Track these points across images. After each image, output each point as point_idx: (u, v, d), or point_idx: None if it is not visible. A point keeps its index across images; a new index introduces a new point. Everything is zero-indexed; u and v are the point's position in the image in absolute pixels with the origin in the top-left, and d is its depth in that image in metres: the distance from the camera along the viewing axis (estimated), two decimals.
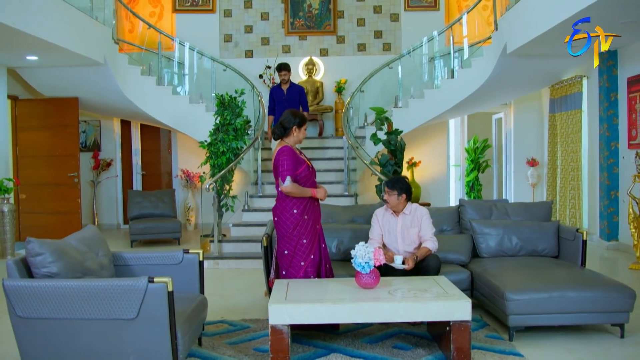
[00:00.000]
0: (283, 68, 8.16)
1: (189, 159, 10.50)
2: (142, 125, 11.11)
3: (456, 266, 4.97)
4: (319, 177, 8.19)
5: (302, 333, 4.27)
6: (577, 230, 4.90)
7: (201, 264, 4.09)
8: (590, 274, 4.46)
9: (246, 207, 7.95)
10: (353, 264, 3.89)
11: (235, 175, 8.12)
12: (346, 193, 8.12)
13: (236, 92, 7.47)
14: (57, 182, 9.10)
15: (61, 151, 9.12)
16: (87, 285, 3.13)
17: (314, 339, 4.16)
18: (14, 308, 3.15)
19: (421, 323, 4.38)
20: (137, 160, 11.12)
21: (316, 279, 4.28)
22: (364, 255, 3.85)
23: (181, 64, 9.93)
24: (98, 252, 3.77)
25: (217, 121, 7.42)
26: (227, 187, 7.43)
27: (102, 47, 7.93)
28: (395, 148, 7.22)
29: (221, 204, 7.39)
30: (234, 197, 7.51)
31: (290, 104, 7.93)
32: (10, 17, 5.87)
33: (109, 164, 10.73)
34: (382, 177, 7.02)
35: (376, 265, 3.89)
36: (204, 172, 8.32)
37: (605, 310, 4.09)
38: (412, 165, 10.38)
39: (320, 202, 4.50)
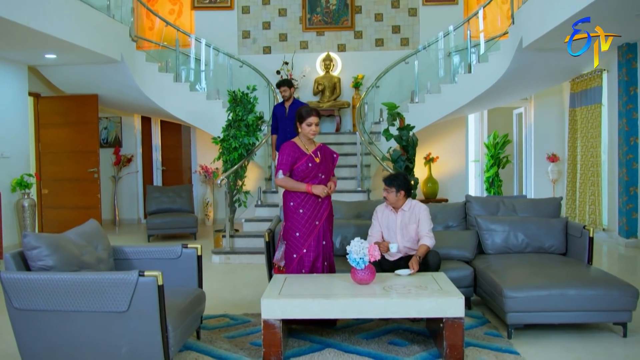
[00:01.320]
0: (282, 84, 7.62)
1: (207, 155, 10.60)
2: (162, 122, 11.27)
3: (460, 262, 4.92)
4: (336, 173, 8.25)
5: (300, 328, 4.30)
6: (584, 227, 4.81)
7: (199, 258, 4.14)
8: (595, 271, 4.38)
9: (259, 203, 8.01)
10: (348, 260, 3.90)
11: (250, 171, 8.18)
12: (359, 189, 8.11)
13: (248, 88, 7.51)
14: (77, 178, 9.31)
15: (82, 147, 9.32)
16: (79, 278, 3.20)
17: (311, 334, 4.18)
18: (10, 300, 3.24)
19: (421, 319, 4.35)
20: (157, 156, 11.29)
21: (314, 274, 4.29)
22: (359, 251, 3.85)
23: (198, 60, 10.03)
24: (97, 246, 3.85)
25: (230, 117, 7.48)
26: (240, 182, 7.49)
27: (119, 44, 8.07)
28: (407, 144, 7.17)
29: (234, 199, 7.45)
30: (246, 192, 7.57)
31: (292, 122, 6.90)
32: (25, 17, 6.01)
33: (129, 160, 10.92)
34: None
35: (371, 261, 3.89)
36: (216, 168, 8.39)
37: (607, 309, 4.01)
38: (430, 161, 10.31)
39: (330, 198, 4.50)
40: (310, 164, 4.33)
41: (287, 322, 3.99)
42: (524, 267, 4.52)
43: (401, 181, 4.71)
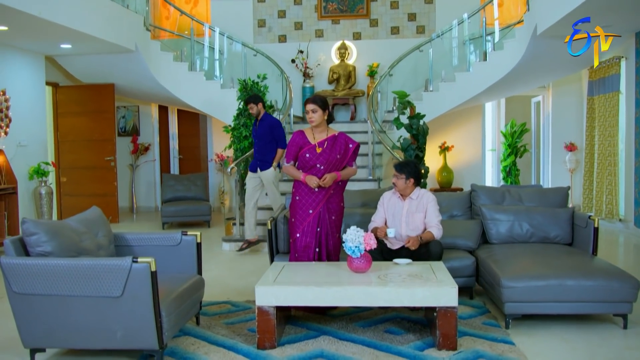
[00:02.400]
0: (247, 101, 6.84)
1: (223, 143, 10.63)
2: (179, 111, 11.39)
3: (463, 252, 4.90)
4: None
5: (300, 315, 4.34)
6: (589, 217, 4.74)
7: (199, 245, 4.20)
8: (597, 262, 4.32)
9: None
10: (344, 248, 3.92)
11: None
12: (370, 177, 8.11)
13: (258, 77, 7.53)
14: (95, 166, 9.49)
15: (99, 136, 9.48)
16: (75, 263, 3.28)
17: (309, 321, 4.21)
18: (10, 284, 3.34)
19: (420, 308, 4.35)
20: (174, 144, 11.42)
21: (314, 262, 4.33)
22: (354, 239, 3.87)
23: (212, 49, 10.06)
24: (98, 232, 3.93)
25: (240, 106, 7.52)
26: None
27: (133, 34, 8.16)
28: (417, 132, 7.13)
29: (244, 187, 7.50)
30: None
31: (262, 140, 6.69)
32: (36, 7, 6.11)
33: (147, 148, 11.06)
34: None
35: (367, 249, 3.90)
36: (227, 156, 8.46)
37: (606, 300, 3.96)
38: (445, 149, 10.24)
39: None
40: (308, 155, 4.38)
41: (285, 309, 4.04)
42: (526, 257, 4.48)
43: (412, 169, 4.70)
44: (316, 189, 4.37)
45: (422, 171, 7.17)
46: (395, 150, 7.34)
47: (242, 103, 7.51)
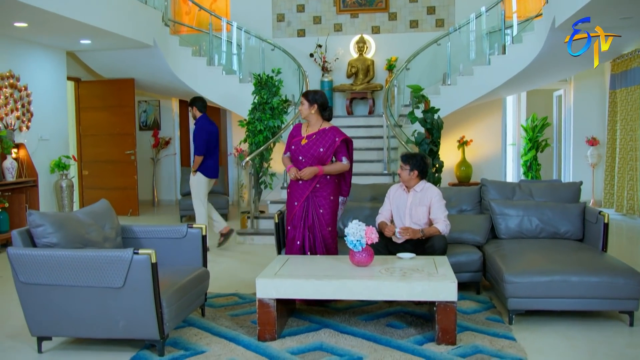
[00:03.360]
0: (189, 103, 6.87)
1: (242, 138, 10.75)
2: None
3: (469, 247, 4.87)
4: (363, 156, 8.28)
5: (305, 308, 4.38)
6: (599, 212, 4.67)
7: (204, 238, 4.26)
8: (604, 258, 4.27)
9: (285, 185, 8.09)
10: (346, 242, 3.94)
11: (276, 153, 8.23)
12: (385, 171, 8.09)
13: (273, 71, 7.57)
14: (116, 159, 9.65)
15: (119, 130, 9.64)
16: (78, 255, 3.37)
17: (313, 314, 4.25)
18: (16, 274, 3.45)
19: (425, 303, 4.35)
20: None
21: (317, 256, 4.37)
22: (356, 233, 3.88)
23: (229, 43, 10.11)
24: (104, 225, 4.02)
25: (255, 100, 7.57)
26: (266, 164, 7.59)
27: (151, 30, 8.26)
28: (431, 126, 7.10)
29: (260, 181, 7.57)
30: (272, 174, 7.67)
31: (195, 141, 6.74)
32: (54, 4, 6.23)
33: (167, 142, 11.20)
34: None
35: (369, 243, 3.91)
36: (243, 150, 8.53)
37: (611, 297, 3.91)
38: (463, 144, 10.15)
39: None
40: (293, 147, 4.53)
41: (289, 303, 4.09)
42: (532, 253, 4.44)
43: (417, 161, 4.71)
44: (300, 182, 4.46)
45: (437, 165, 7.18)
46: (409, 145, 7.31)
47: (256, 97, 7.56)
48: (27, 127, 7.69)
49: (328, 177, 4.47)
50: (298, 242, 4.45)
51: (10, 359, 3.57)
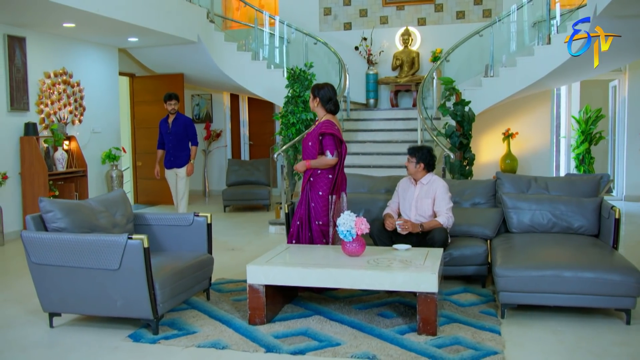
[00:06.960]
0: (169, 97, 7.13)
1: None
2: (249, 98, 11.82)
3: (476, 240, 4.86)
4: (400, 148, 8.29)
5: (306, 295, 4.54)
6: (611, 207, 4.55)
7: (209, 226, 4.50)
8: (607, 255, 4.16)
9: None
10: (337, 232, 4.06)
11: None
12: None
13: (305, 65, 7.72)
14: None
15: None
16: (80, 238, 3.68)
17: (312, 301, 4.39)
18: (29, 255, 3.80)
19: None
20: (244, 131, 11.90)
21: (317, 245, 4.50)
22: (346, 223, 3.99)
23: (272, 36, 10.33)
24: (116, 212, 4.33)
25: (289, 94, 7.76)
26: (299, 157, 7.77)
27: (195, 26, 8.60)
28: (462, 119, 7.05)
29: (293, 172, 7.77)
30: None
31: (176, 138, 7.05)
32: (96, 6, 6.65)
33: (219, 135, 11.61)
34: (445, 149, 6.89)
35: (359, 234, 4.01)
36: (277, 143, 8.74)
37: (607, 294, 3.82)
38: (508, 136, 9.93)
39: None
40: (300, 142, 4.64)
41: (287, 289, 4.25)
42: (536, 247, 4.40)
43: (424, 154, 4.77)
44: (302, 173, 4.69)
45: (468, 158, 7.13)
46: (439, 137, 7.29)
47: (290, 91, 7.74)
48: (80, 121, 8.24)
49: (319, 171, 4.53)
50: (291, 229, 4.63)
51: (25, 331, 3.93)
